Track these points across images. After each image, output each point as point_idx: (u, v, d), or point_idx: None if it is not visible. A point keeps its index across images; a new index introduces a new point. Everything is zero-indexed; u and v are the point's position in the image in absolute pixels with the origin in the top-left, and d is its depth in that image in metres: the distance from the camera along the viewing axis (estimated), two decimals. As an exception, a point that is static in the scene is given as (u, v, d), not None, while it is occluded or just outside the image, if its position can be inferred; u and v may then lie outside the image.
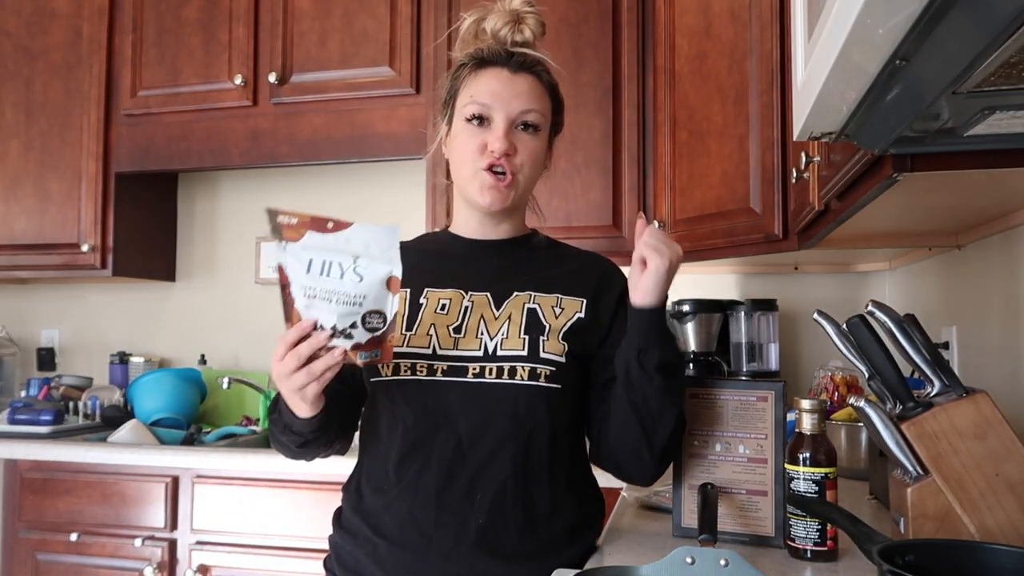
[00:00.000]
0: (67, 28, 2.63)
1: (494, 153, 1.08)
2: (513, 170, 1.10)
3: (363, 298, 0.90)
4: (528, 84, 1.12)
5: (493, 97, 1.10)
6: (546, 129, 1.15)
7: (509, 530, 1.03)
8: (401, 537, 1.03)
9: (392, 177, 2.71)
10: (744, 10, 1.82)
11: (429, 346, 1.07)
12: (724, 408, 1.13)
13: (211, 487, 2.08)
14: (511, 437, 1.04)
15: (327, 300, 0.90)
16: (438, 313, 1.10)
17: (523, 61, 1.13)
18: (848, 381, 1.88)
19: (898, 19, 0.55)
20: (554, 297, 1.11)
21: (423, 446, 1.05)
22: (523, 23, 1.15)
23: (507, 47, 1.13)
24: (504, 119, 1.10)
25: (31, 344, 3.01)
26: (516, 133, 1.11)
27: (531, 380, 1.04)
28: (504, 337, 1.06)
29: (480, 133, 1.10)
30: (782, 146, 1.71)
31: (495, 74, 1.12)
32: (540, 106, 1.12)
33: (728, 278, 2.48)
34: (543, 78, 1.14)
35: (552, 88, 1.16)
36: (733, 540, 1.11)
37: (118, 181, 2.59)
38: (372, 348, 0.93)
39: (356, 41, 2.37)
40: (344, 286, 0.89)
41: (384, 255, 0.91)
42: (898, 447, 0.98)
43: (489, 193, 1.10)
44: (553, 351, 1.06)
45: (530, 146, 1.11)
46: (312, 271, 0.89)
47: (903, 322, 1.04)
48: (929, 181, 0.99)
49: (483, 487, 1.03)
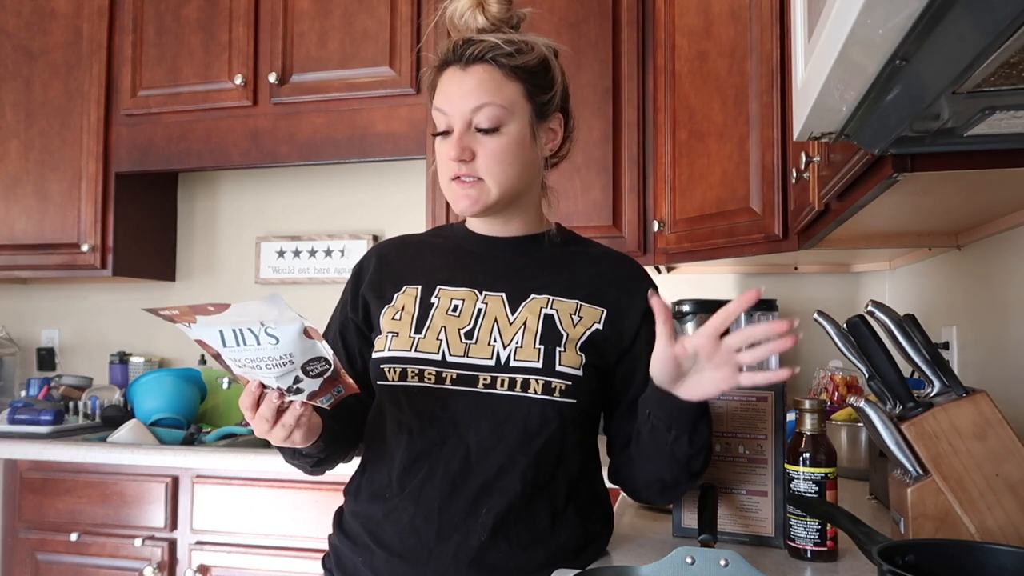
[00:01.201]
0: (67, 28, 2.63)
1: (452, 161, 1.02)
2: (476, 173, 1.02)
3: (289, 356, 0.84)
4: (479, 76, 1.02)
5: (447, 101, 1.03)
6: (515, 118, 1.03)
7: (511, 548, 0.99)
8: (400, 548, 1.00)
9: (392, 177, 2.71)
10: (744, 10, 1.82)
11: (438, 351, 1.01)
12: (724, 408, 1.13)
13: (211, 487, 2.08)
14: (521, 452, 0.99)
15: (257, 368, 0.86)
16: (450, 315, 1.04)
17: (473, 53, 1.02)
18: (848, 381, 1.88)
19: (898, 19, 0.55)
20: (574, 304, 1.05)
21: (429, 456, 1.01)
22: (486, 4, 1.05)
23: (470, 36, 1.04)
24: (459, 123, 1.02)
25: (31, 344, 3.01)
26: (472, 136, 1.02)
27: (545, 394, 0.99)
28: (518, 346, 1.00)
29: (444, 143, 1.04)
30: (782, 146, 1.71)
31: (449, 75, 1.04)
32: (498, 97, 1.01)
33: (728, 278, 2.48)
34: (501, 63, 1.02)
35: (520, 70, 1.03)
36: (733, 540, 1.11)
37: (118, 181, 2.59)
38: (329, 389, 0.89)
39: (356, 41, 2.37)
40: (265, 351, 0.84)
41: (283, 317, 0.83)
42: (898, 447, 0.98)
43: (460, 200, 1.04)
44: (570, 364, 1.00)
45: (489, 146, 1.02)
46: (228, 343, 0.84)
47: (903, 322, 1.04)
48: (929, 181, 0.99)
49: (489, 503, 0.98)
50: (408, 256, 1.14)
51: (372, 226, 2.73)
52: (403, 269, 1.12)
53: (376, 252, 1.17)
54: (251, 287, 2.83)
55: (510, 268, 1.09)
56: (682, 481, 1.02)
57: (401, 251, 1.16)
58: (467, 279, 1.08)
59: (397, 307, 1.08)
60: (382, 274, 1.13)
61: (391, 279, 1.11)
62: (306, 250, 2.77)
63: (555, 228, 1.15)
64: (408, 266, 1.12)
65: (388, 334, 1.05)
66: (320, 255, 2.75)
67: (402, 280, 1.10)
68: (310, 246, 2.76)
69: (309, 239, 2.76)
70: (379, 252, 1.17)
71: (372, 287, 1.12)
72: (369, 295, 1.12)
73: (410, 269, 1.12)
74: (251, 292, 2.82)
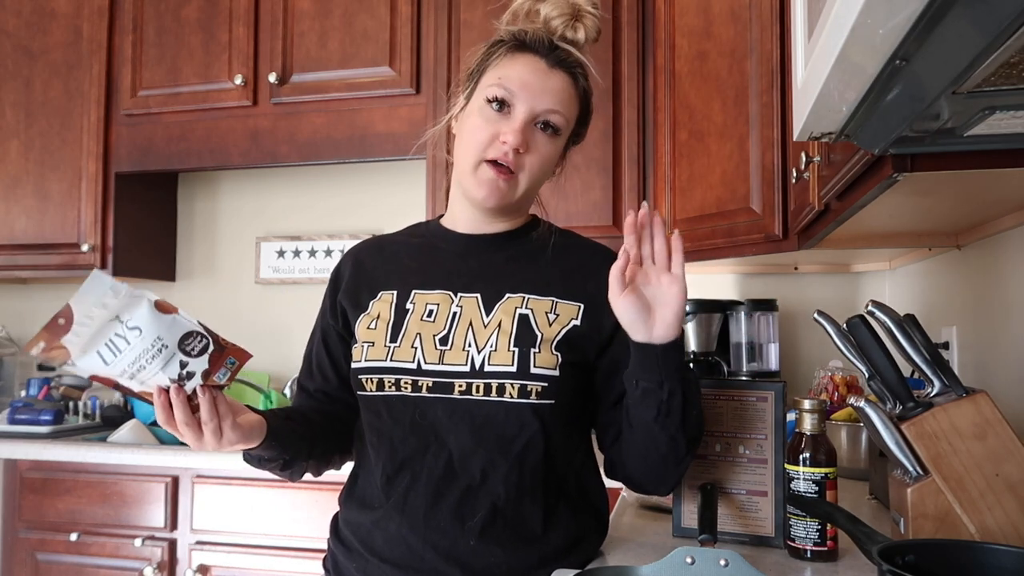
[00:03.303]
0: (67, 28, 2.63)
1: (505, 144, 1.00)
2: (518, 168, 1.02)
3: (159, 340, 0.84)
4: (562, 83, 1.03)
5: (522, 86, 1.01)
6: (566, 135, 1.07)
7: (503, 551, 0.98)
8: (391, 556, 1.00)
9: (392, 177, 2.71)
10: (744, 10, 1.82)
11: (414, 360, 1.01)
12: (724, 408, 1.13)
13: (211, 487, 2.08)
14: (502, 456, 0.98)
15: (142, 368, 0.85)
16: (424, 320, 1.03)
17: (563, 58, 1.04)
18: (848, 381, 1.88)
19: (898, 19, 0.55)
20: (549, 301, 1.03)
21: (412, 463, 1.01)
22: (580, 21, 1.05)
23: (553, 38, 1.04)
24: (526, 112, 1.01)
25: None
26: (533, 131, 1.03)
27: (521, 398, 0.98)
28: (492, 350, 0.99)
29: (496, 120, 1.02)
30: (782, 146, 1.71)
31: (530, 63, 1.03)
32: (567, 110, 1.04)
33: (728, 278, 2.48)
34: (579, 82, 1.06)
35: (584, 96, 1.08)
36: (733, 540, 1.11)
37: (118, 181, 2.59)
38: (220, 363, 0.89)
39: (356, 41, 2.37)
40: (136, 346, 0.83)
41: (124, 299, 0.83)
42: (898, 447, 0.98)
43: (487, 186, 1.02)
44: (545, 365, 0.98)
45: (544, 148, 1.03)
46: (108, 360, 0.84)
47: (903, 322, 1.04)
48: (929, 181, 0.99)
49: (474, 508, 0.98)
50: (384, 260, 1.13)
51: (372, 226, 2.73)
52: (379, 274, 1.11)
53: (352, 257, 1.16)
54: (251, 287, 2.83)
55: (486, 267, 1.08)
56: (681, 453, 0.99)
57: (377, 254, 1.15)
58: (442, 281, 1.07)
59: (372, 315, 1.07)
60: (358, 280, 1.12)
61: (367, 285, 1.11)
62: (306, 250, 2.77)
63: (532, 220, 1.14)
64: (384, 270, 1.12)
65: (364, 344, 1.05)
66: (320, 255, 2.75)
67: (378, 286, 1.10)
68: (310, 246, 2.76)
69: (309, 239, 2.76)
70: (355, 257, 1.16)
71: (348, 294, 1.11)
72: (346, 303, 1.11)
73: (386, 274, 1.11)
74: (251, 292, 2.83)
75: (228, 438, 0.92)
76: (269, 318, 2.79)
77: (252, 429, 0.96)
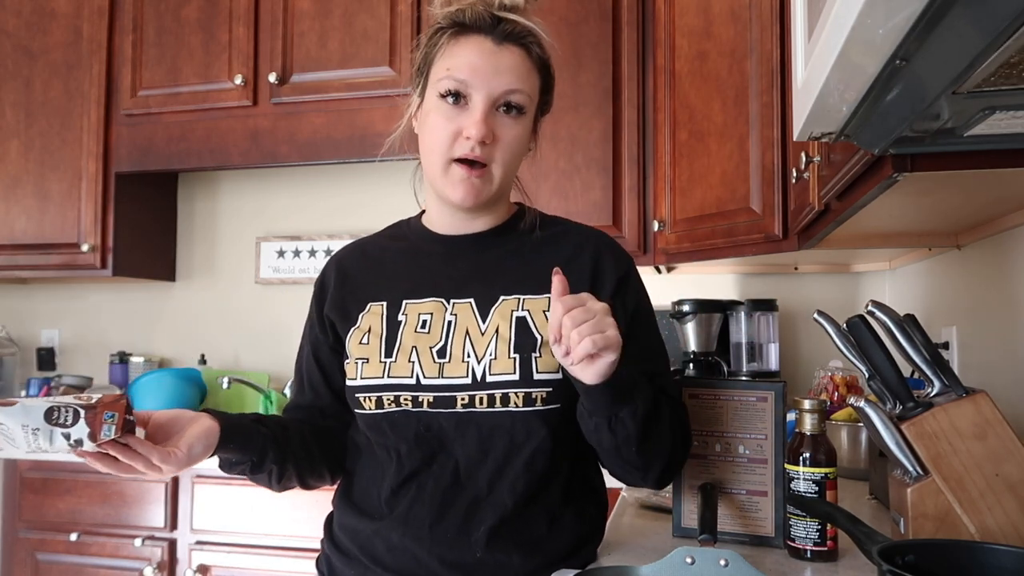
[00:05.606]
0: (67, 28, 2.63)
1: (470, 139, 0.95)
2: (489, 160, 0.97)
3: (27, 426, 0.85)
4: (515, 58, 0.97)
5: (473, 72, 0.95)
6: (531, 111, 1.00)
7: (508, 558, 0.97)
8: (395, 564, 0.98)
9: (392, 177, 2.71)
10: (744, 10, 1.82)
11: (412, 375, 0.97)
12: (724, 408, 1.13)
13: (211, 487, 2.08)
14: (510, 465, 0.96)
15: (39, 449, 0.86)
16: (419, 332, 0.99)
17: (511, 31, 0.97)
18: (848, 381, 1.88)
19: (898, 19, 0.55)
20: (545, 299, 0.99)
21: (418, 475, 0.98)
22: None
23: (493, 11, 0.98)
24: (483, 99, 0.95)
25: (31, 344, 3.01)
26: (497, 116, 0.97)
27: (527, 406, 0.95)
28: (493, 358, 0.96)
29: (455, 115, 0.96)
30: (782, 146, 1.71)
31: (477, 44, 0.97)
32: (527, 85, 0.98)
33: (728, 278, 2.48)
34: (532, 52, 0.99)
35: (542, 64, 1.01)
36: (733, 540, 1.11)
37: (118, 181, 2.59)
38: (99, 422, 0.86)
39: (356, 41, 2.37)
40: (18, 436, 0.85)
41: None
42: (898, 447, 0.98)
43: (461, 187, 0.97)
44: (548, 368, 0.95)
45: (511, 132, 0.98)
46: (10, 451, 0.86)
47: (903, 322, 1.04)
48: (929, 181, 0.99)
49: (481, 519, 0.96)
50: (368, 267, 1.09)
51: (372, 226, 2.70)
52: (365, 283, 1.07)
53: (336, 264, 1.12)
54: (251, 287, 2.83)
55: (476, 269, 1.04)
56: (632, 475, 0.98)
57: (361, 261, 1.11)
58: (433, 288, 1.03)
59: (363, 329, 1.03)
60: (344, 291, 1.08)
61: (354, 297, 1.06)
62: (306, 250, 2.77)
63: (517, 210, 1.09)
64: (369, 279, 1.07)
65: (358, 361, 1.01)
66: (320, 255, 2.75)
67: (366, 296, 1.05)
68: (310, 246, 2.76)
69: (309, 239, 2.76)
70: (338, 264, 1.11)
71: (335, 307, 1.07)
72: (334, 316, 1.07)
73: (372, 283, 1.07)
74: (251, 292, 2.83)
75: (178, 460, 0.88)
76: (269, 318, 2.79)
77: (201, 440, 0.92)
